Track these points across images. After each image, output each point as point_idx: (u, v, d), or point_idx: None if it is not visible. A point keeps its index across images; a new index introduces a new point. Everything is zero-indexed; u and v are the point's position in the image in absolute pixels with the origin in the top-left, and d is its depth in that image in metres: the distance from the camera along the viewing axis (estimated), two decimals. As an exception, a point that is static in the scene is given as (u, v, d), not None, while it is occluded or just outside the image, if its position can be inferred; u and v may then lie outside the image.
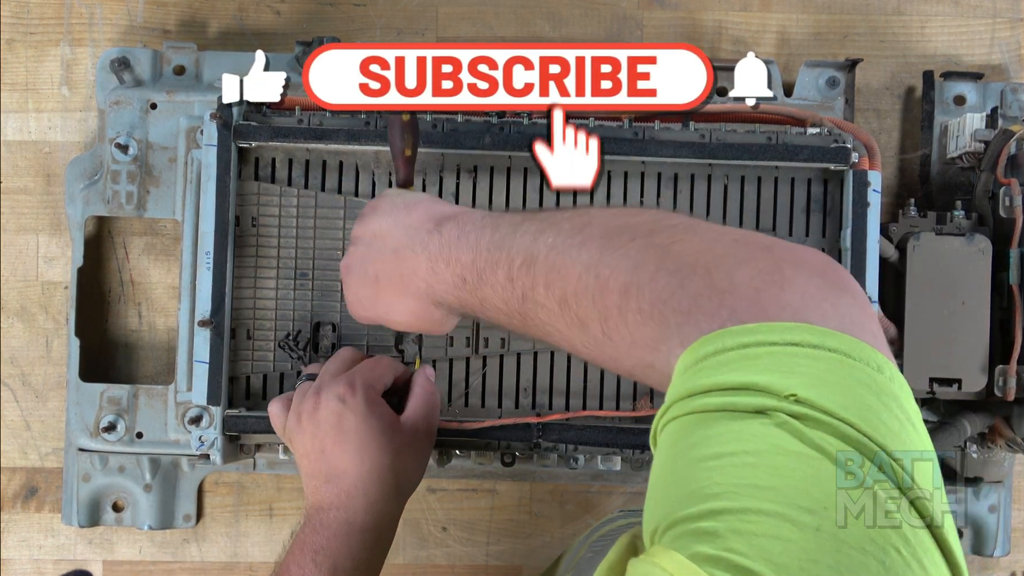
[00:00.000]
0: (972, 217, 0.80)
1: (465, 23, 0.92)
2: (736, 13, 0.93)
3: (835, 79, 0.88)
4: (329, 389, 0.63)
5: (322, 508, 0.62)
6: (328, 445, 0.62)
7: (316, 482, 0.63)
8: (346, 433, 0.62)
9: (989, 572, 0.91)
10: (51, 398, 0.91)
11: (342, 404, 0.62)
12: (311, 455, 0.63)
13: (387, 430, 0.63)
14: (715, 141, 0.76)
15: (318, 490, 0.63)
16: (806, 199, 0.78)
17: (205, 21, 0.92)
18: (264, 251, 0.77)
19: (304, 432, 0.64)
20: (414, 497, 0.91)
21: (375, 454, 0.62)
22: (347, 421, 0.62)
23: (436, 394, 0.68)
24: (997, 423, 0.79)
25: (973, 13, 0.93)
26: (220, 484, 0.91)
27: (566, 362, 0.77)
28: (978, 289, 0.77)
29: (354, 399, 0.62)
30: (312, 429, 0.63)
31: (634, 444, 0.73)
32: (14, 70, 0.92)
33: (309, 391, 0.65)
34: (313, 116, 0.75)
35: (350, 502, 0.62)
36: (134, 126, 0.86)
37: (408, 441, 0.64)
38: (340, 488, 0.62)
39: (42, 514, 0.91)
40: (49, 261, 0.91)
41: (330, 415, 0.62)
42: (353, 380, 0.63)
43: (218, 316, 0.73)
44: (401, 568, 0.91)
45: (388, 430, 0.63)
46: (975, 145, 0.81)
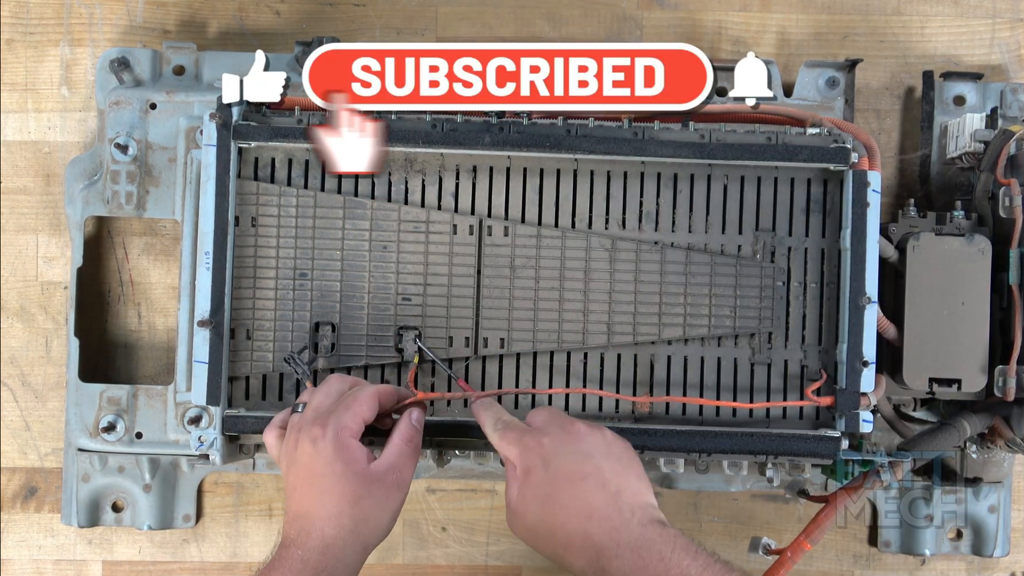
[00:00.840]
0: (972, 217, 0.80)
1: (465, 23, 0.92)
2: (736, 13, 0.93)
3: (835, 79, 0.88)
4: (306, 430, 0.64)
5: (285, 544, 0.63)
6: (298, 484, 0.63)
7: (287, 517, 0.64)
8: (313, 475, 0.63)
9: (989, 572, 0.91)
10: (51, 398, 0.91)
11: (313, 446, 0.63)
12: (287, 491, 0.65)
13: (352, 476, 0.63)
14: (715, 141, 0.76)
15: (287, 525, 0.64)
16: (806, 199, 0.78)
17: (205, 21, 0.92)
18: (264, 251, 0.77)
19: (284, 468, 0.66)
20: (414, 497, 0.91)
21: (336, 499, 0.62)
22: (316, 464, 0.63)
23: (415, 441, 0.67)
24: (997, 423, 0.79)
25: (973, 13, 0.93)
26: (220, 484, 0.91)
27: (566, 363, 0.77)
28: (978, 289, 0.77)
29: (324, 442, 0.63)
30: (287, 466, 0.65)
31: (633, 444, 0.73)
32: (14, 70, 0.92)
33: (293, 429, 0.66)
34: (313, 116, 0.75)
35: (308, 542, 0.62)
36: (134, 126, 0.86)
37: (371, 491, 0.63)
38: (301, 527, 0.63)
39: (42, 514, 0.91)
40: (49, 261, 0.91)
41: (302, 455, 0.64)
42: (327, 423, 0.64)
43: (218, 316, 0.73)
44: (401, 568, 0.92)
45: (353, 476, 0.63)
46: (975, 145, 0.81)
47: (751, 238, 0.77)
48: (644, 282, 0.77)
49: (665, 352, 0.77)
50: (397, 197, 0.77)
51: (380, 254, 0.77)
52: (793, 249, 0.77)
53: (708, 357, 0.77)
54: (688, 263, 0.77)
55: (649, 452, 0.74)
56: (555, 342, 0.77)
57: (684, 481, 0.87)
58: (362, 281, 0.77)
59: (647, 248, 0.77)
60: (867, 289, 0.74)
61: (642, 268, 0.77)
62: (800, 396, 0.76)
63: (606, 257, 0.77)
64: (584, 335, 0.77)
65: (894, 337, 0.78)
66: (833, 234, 0.77)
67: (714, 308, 0.77)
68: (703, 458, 0.77)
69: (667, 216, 0.77)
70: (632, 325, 0.77)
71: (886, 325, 0.77)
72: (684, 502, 0.91)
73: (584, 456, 0.61)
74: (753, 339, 0.77)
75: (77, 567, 0.91)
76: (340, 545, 0.62)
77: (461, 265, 0.77)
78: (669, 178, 0.77)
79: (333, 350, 0.76)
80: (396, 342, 0.77)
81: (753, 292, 0.77)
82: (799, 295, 0.77)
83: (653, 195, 0.77)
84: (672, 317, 0.77)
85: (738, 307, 0.77)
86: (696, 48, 0.72)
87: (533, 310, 0.77)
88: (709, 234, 0.77)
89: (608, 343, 0.77)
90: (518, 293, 0.77)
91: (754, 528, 0.91)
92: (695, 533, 0.91)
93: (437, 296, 0.77)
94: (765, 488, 0.89)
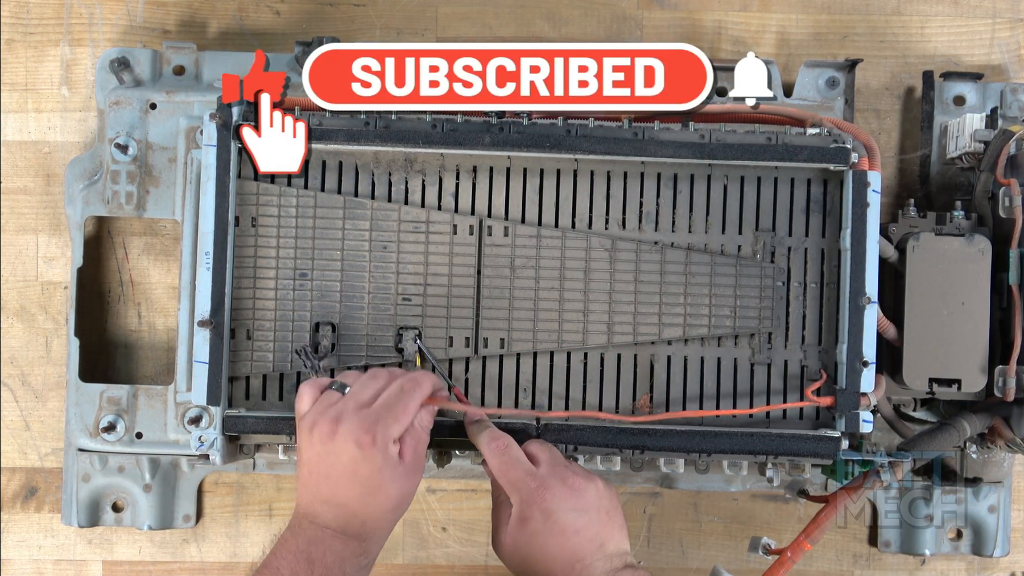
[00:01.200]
0: (972, 217, 0.80)
1: (465, 23, 0.92)
2: (736, 13, 0.93)
3: (835, 79, 0.88)
4: (349, 426, 0.64)
5: (316, 522, 0.65)
6: (334, 475, 0.64)
7: (313, 497, 0.65)
8: (357, 476, 0.64)
9: (989, 572, 0.91)
10: (51, 398, 0.91)
11: (360, 451, 0.64)
12: (314, 472, 0.65)
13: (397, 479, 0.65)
14: (715, 141, 0.76)
15: (313, 505, 0.65)
16: (806, 199, 0.78)
17: (205, 21, 0.92)
18: (264, 251, 0.77)
19: (312, 447, 0.65)
20: (414, 497, 0.91)
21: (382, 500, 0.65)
22: (361, 467, 0.64)
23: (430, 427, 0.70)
24: (997, 423, 0.79)
25: (973, 13, 0.93)
26: (220, 484, 0.91)
27: (566, 363, 0.77)
28: (978, 289, 0.77)
29: (372, 451, 0.64)
30: (321, 452, 0.65)
31: (633, 444, 0.74)
32: (14, 70, 0.92)
33: (330, 412, 0.66)
34: (313, 116, 0.75)
35: (348, 528, 0.64)
36: (134, 126, 0.86)
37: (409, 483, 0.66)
38: (340, 516, 0.65)
39: (42, 514, 0.91)
40: (49, 261, 0.91)
41: (343, 454, 0.64)
42: (374, 430, 0.64)
43: (218, 316, 0.73)
44: (401, 568, 0.92)
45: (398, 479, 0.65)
46: (975, 145, 0.81)
47: (751, 238, 0.77)
48: (644, 282, 0.77)
49: (665, 352, 0.77)
50: (397, 197, 0.77)
51: (380, 254, 0.77)
52: (793, 249, 0.77)
53: (708, 357, 0.77)
54: (688, 263, 0.77)
55: (649, 452, 0.74)
56: (555, 342, 0.77)
57: (684, 481, 0.87)
58: (362, 281, 0.77)
59: (647, 248, 0.77)
60: (867, 289, 0.74)
61: (642, 268, 0.77)
62: (800, 396, 0.76)
63: (606, 257, 0.77)
64: (584, 335, 0.77)
65: (894, 337, 0.78)
66: (833, 234, 0.77)
67: (714, 308, 0.77)
68: (703, 458, 0.77)
69: (667, 216, 0.77)
70: (632, 325, 0.77)
71: (886, 325, 0.77)
72: (684, 502, 0.91)
73: (580, 512, 0.67)
74: (753, 339, 0.77)
75: (77, 567, 0.91)
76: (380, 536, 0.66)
77: (461, 265, 0.77)
78: (669, 178, 0.77)
79: (333, 350, 0.76)
80: (396, 342, 0.77)
81: (753, 292, 0.77)
82: (799, 295, 0.77)
83: (653, 195, 0.77)
84: (672, 317, 0.77)
85: (738, 307, 0.77)
86: (696, 48, 0.72)
87: (533, 310, 0.77)
88: (709, 234, 0.77)
89: (608, 343, 0.77)
90: (518, 293, 0.77)
91: (754, 528, 0.91)
92: (695, 533, 0.91)
93: (437, 296, 0.77)
94: (765, 488, 0.89)
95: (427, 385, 0.68)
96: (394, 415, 0.65)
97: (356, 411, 0.65)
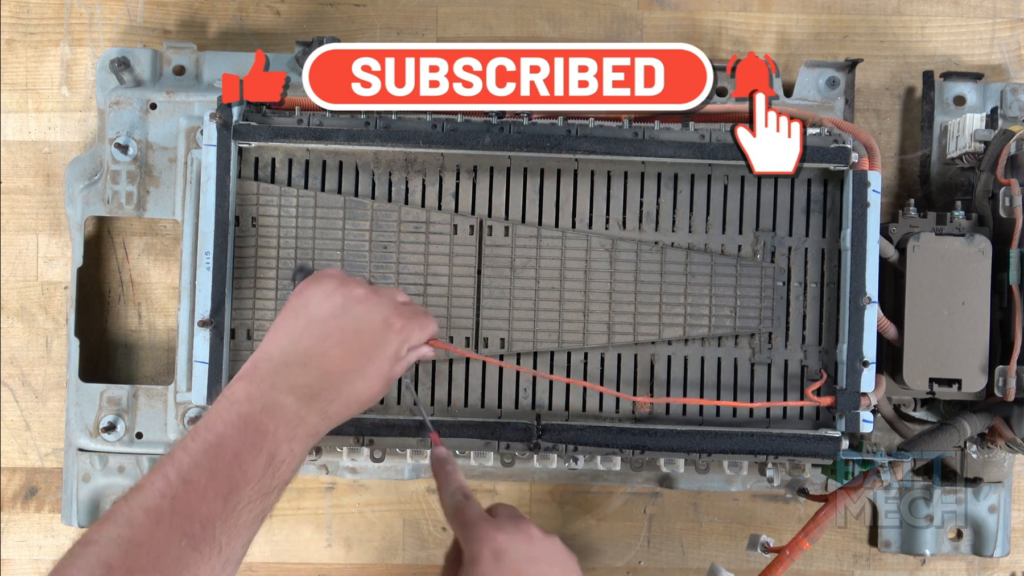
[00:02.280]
0: (972, 217, 0.80)
1: (465, 23, 0.92)
2: (736, 13, 0.93)
3: (835, 79, 0.88)
4: (385, 304, 0.64)
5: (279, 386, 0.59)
6: (336, 334, 0.62)
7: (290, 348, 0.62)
8: (362, 349, 0.63)
9: (989, 572, 0.91)
10: (51, 398, 0.91)
11: (384, 327, 0.63)
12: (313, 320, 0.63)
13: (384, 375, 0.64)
14: (715, 141, 0.76)
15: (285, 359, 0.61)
16: (806, 199, 0.78)
17: (205, 21, 0.92)
18: (264, 251, 0.77)
19: (330, 298, 0.64)
20: (414, 497, 0.91)
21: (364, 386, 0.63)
22: (371, 342, 0.63)
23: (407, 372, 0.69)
24: (997, 423, 0.79)
25: (973, 13, 0.93)
26: (220, 484, 0.91)
27: (566, 363, 0.77)
28: (978, 289, 0.77)
29: (393, 335, 0.63)
30: (339, 306, 0.63)
31: (634, 444, 0.74)
32: (14, 70, 0.92)
33: (368, 286, 0.65)
34: (313, 116, 0.75)
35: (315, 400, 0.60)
36: (134, 126, 0.86)
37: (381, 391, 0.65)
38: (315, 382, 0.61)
39: (42, 514, 0.91)
40: (49, 261, 0.91)
41: (366, 320, 0.63)
42: (407, 325, 0.64)
43: (218, 316, 0.73)
44: (401, 568, 0.92)
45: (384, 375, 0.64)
46: (975, 145, 0.81)
47: (751, 238, 0.77)
48: (644, 282, 0.77)
49: (665, 352, 0.77)
50: (397, 197, 0.77)
51: (380, 254, 0.77)
52: (793, 249, 0.77)
53: (708, 357, 0.77)
54: (688, 263, 0.77)
55: (649, 452, 0.74)
56: (555, 342, 0.77)
57: (684, 481, 0.87)
58: (362, 281, 0.77)
59: (647, 248, 0.77)
60: (867, 289, 0.74)
61: (642, 268, 0.77)
62: (800, 396, 0.76)
63: (606, 257, 0.77)
64: (584, 335, 0.77)
65: (894, 337, 0.78)
66: (833, 234, 0.77)
67: (714, 308, 0.77)
68: (703, 458, 0.77)
69: (667, 216, 0.77)
70: (632, 325, 0.77)
71: (886, 325, 0.77)
72: (684, 502, 0.91)
73: (532, 560, 0.62)
74: (753, 339, 0.77)
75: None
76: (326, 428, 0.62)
77: (461, 265, 0.77)
78: (669, 178, 0.78)
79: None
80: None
81: (753, 292, 0.77)
82: (799, 295, 0.77)
83: (653, 195, 0.78)
84: (672, 317, 0.77)
85: (738, 307, 0.77)
86: (696, 48, 0.72)
87: (533, 310, 0.77)
88: (709, 234, 0.77)
89: (608, 343, 0.77)
90: (518, 293, 0.77)
91: (754, 528, 0.91)
92: (695, 533, 0.91)
93: (437, 296, 0.77)
94: (765, 488, 0.89)
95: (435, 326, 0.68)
96: (421, 325, 0.65)
97: (393, 299, 0.65)
